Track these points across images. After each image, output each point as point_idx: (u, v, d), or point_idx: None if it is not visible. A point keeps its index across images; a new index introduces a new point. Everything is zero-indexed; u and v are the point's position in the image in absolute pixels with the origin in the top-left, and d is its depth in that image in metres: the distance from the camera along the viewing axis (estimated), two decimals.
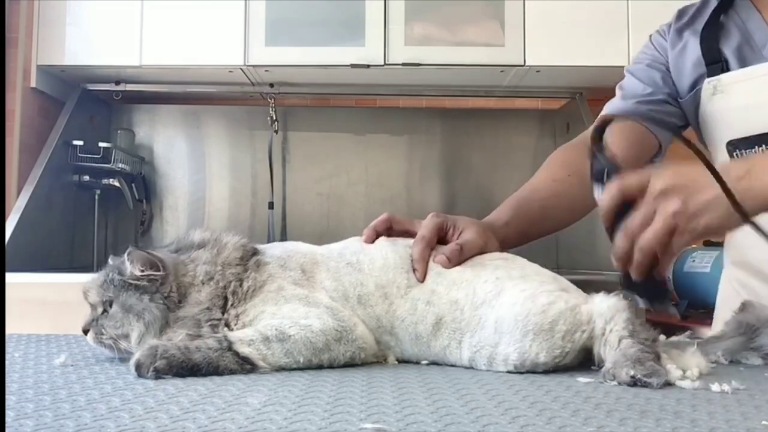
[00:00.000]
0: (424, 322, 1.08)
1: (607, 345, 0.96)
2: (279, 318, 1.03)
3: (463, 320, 1.06)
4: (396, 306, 1.09)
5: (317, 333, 1.01)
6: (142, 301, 1.04)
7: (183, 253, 1.11)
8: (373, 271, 1.12)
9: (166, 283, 1.05)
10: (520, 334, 0.98)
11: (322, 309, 1.05)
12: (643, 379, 0.86)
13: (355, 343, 1.05)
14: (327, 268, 1.15)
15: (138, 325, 1.03)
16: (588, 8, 2.20)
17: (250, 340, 0.99)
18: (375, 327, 1.10)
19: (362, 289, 1.10)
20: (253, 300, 1.06)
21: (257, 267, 1.11)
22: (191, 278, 1.07)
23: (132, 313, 1.03)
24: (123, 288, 1.06)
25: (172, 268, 1.07)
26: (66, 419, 0.65)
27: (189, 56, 2.22)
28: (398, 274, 1.11)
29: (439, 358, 1.10)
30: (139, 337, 1.02)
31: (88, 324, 1.06)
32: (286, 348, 0.99)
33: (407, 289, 1.10)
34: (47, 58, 2.24)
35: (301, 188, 2.62)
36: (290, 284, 1.10)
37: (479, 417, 0.67)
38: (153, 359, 0.92)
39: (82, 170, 2.33)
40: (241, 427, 0.62)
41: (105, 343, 1.04)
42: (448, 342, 1.06)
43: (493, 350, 1.00)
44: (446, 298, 1.08)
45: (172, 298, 1.05)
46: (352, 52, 2.20)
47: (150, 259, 1.06)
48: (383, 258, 1.14)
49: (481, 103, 2.67)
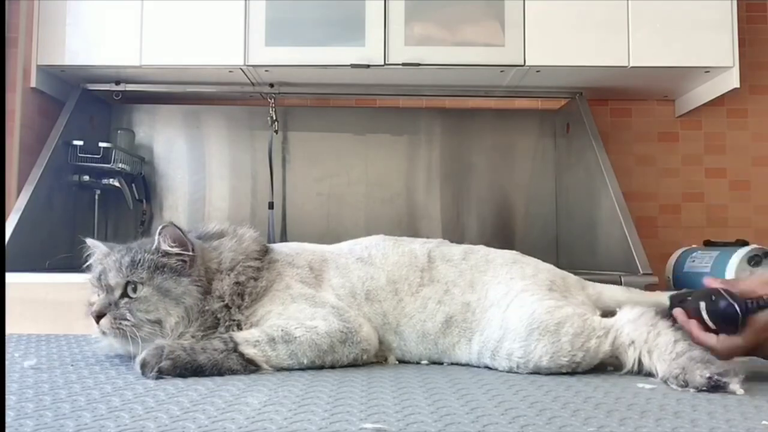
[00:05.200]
0: (433, 320, 1.09)
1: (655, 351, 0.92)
2: (285, 318, 1.02)
3: (474, 320, 1.08)
4: (405, 303, 1.11)
5: (322, 335, 1.01)
6: (181, 284, 0.98)
7: (205, 241, 1.10)
8: (386, 266, 1.14)
9: (194, 266, 1.01)
10: (526, 332, 0.98)
11: (328, 309, 1.05)
12: (720, 379, 0.81)
13: (359, 345, 1.05)
14: (336, 265, 1.16)
15: (177, 311, 0.97)
16: (588, 8, 2.19)
17: (256, 341, 0.98)
18: (380, 324, 1.10)
19: (372, 283, 1.12)
20: (262, 300, 1.06)
21: (269, 264, 1.11)
22: (217, 264, 1.05)
23: (170, 297, 0.98)
24: (157, 270, 0.98)
25: (201, 250, 1.05)
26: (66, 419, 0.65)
27: (189, 56, 2.22)
28: (411, 272, 1.14)
29: (444, 355, 1.10)
30: (176, 323, 0.97)
31: (105, 307, 0.97)
32: (291, 349, 0.99)
33: (419, 288, 1.12)
34: (47, 58, 2.24)
35: (301, 188, 2.62)
36: (297, 282, 1.09)
37: (479, 417, 0.67)
38: (158, 359, 0.92)
39: (82, 170, 2.33)
40: (241, 427, 0.62)
41: (123, 330, 0.95)
42: (458, 339, 1.08)
43: (498, 345, 1.02)
44: (460, 299, 1.10)
45: (202, 283, 1.01)
46: (352, 52, 2.20)
47: (181, 236, 1.02)
48: (398, 255, 1.16)
49: (481, 103, 2.67)
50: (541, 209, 2.62)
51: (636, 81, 2.39)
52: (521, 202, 2.63)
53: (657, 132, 2.66)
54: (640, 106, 2.67)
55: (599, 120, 2.57)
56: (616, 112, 2.68)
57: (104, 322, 0.99)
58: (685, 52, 2.18)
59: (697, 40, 2.17)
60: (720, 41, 2.18)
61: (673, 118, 2.67)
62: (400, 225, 2.54)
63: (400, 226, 2.53)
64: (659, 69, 2.22)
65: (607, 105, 2.68)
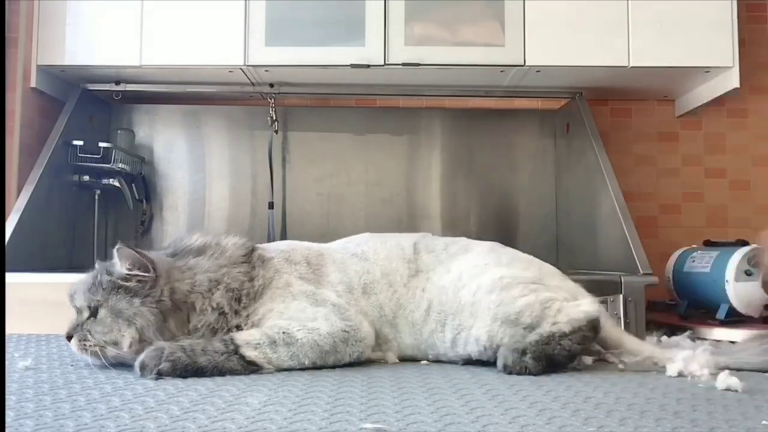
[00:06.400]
0: (419, 309, 1.15)
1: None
2: (287, 318, 1.02)
3: (447, 302, 1.13)
4: (399, 294, 1.16)
5: (324, 336, 1.01)
6: (133, 305, 0.98)
7: (181, 257, 1.08)
8: (378, 260, 1.20)
9: (156, 287, 1.00)
10: (491, 320, 1.06)
11: (329, 308, 1.05)
12: None
13: (361, 343, 1.06)
14: (333, 260, 1.19)
15: (129, 331, 0.96)
16: (588, 8, 2.19)
17: (257, 344, 0.98)
18: (377, 317, 1.13)
19: (368, 277, 1.16)
20: (262, 298, 1.06)
21: (262, 263, 1.11)
22: (189, 286, 1.03)
23: (122, 318, 0.97)
24: (112, 291, 0.99)
25: (165, 271, 1.03)
26: (66, 419, 0.65)
27: (189, 56, 2.22)
28: (401, 264, 1.19)
29: (429, 345, 1.14)
30: (130, 344, 0.97)
31: (72, 329, 1.00)
32: (292, 351, 0.99)
33: (409, 278, 1.17)
34: (47, 58, 2.24)
35: (301, 188, 2.62)
36: (297, 279, 1.10)
37: (479, 417, 0.67)
38: (158, 361, 0.91)
39: (82, 170, 2.33)
40: (241, 427, 0.62)
41: (89, 350, 0.97)
42: (434, 326, 1.14)
43: (468, 332, 1.08)
44: (438, 283, 1.16)
45: (164, 303, 0.99)
46: (352, 52, 2.20)
47: (139, 259, 1.00)
48: (387, 249, 1.22)
49: (481, 103, 2.67)
50: (541, 209, 2.62)
51: (636, 81, 2.39)
52: (521, 202, 2.63)
53: (657, 132, 2.66)
54: (640, 106, 2.67)
55: (599, 120, 2.57)
56: (616, 112, 2.68)
57: (72, 342, 1.01)
58: (685, 52, 2.18)
59: (697, 40, 2.17)
60: (720, 41, 2.18)
61: (673, 118, 2.66)
62: (400, 225, 2.53)
63: (400, 226, 2.52)
64: (659, 69, 2.22)
65: (607, 105, 2.68)
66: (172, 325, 1.00)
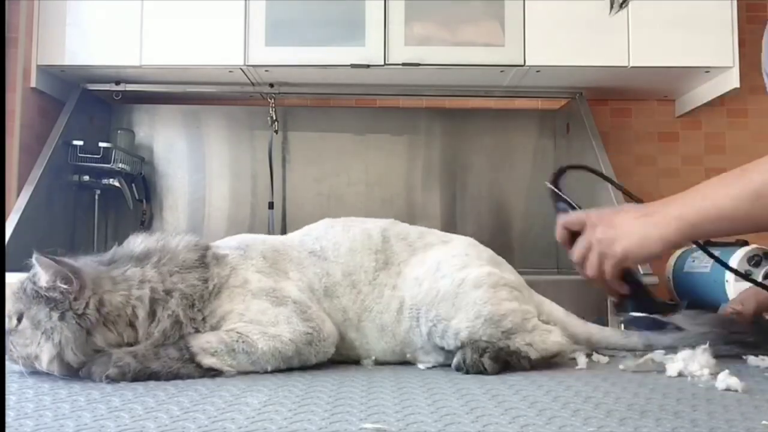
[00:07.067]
0: (389, 310, 1.06)
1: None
2: (246, 321, 0.96)
3: (420, 293, 1.05)
4: (364, 295, 1.07)
5: (287, 343, 0.96)
6: (51, 318, 0.88)
7: (118, 265, 0.99)
8: (339, 258, 1.09)
9: (80, 299, 0.90)
10: (474, 316, 1.02)
11: (290, 308, 0.99)
12: None
13: (325, 342, 1.00)
14: (290, 258, 1.08)
15: (47, 347, 0.87)
16: (588, 8, 2.19)
17: (214, 351, 0.92)
18: (341, 321, 1.05)
19: (328, 280, 1.07)
20: (219, 298, 0.99)
21: (217, 261, 1.03)
22: (124, 298, 0.93)
23: (40, 330, 0.88)
24: (34, 300, 0.90)
25: (91, 281, 0.93)
26: (66, 419, 0.65)
27: (189, 56, 2.23)
28: (366, 257, 1.09)
29: (405, 346, 1.07)
30: (50, 360, 0.88)
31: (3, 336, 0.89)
32: (252, 359, 0.94)
33: (375, 274, 1.08)
34: (47, 58, 2.24)
35: (301, 188, 2.62)
36: (254, 274, 1.03)
37: (479, 417, 0.67)
38: (105, 368, 0.87)
39: (82, 170, 2.33)
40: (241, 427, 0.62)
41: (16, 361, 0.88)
42: (409, 324, 1.05)
43: (447, 324, 1.02)
44: (410, 276, 1.08)
45: (88, 316, 0.89)
46: (352, 52, 2.20)
47: (60, 270, 0.92)
48: (350, 240, 1.12)
49: (481, 103, 2.67)
50: (541, 209, 2.62)
51: (636, 81, 2.39)
52: (521, 202, 2.63)
53: (657, 132, 2.66)
54: (640, 106, 2.67)
55: (599, 120, 2.57)
56: (616, 112, 2.68)
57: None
58: (685, 52, 2.18)
59: (697, 40, 2.17)
60: (720, 41, 2.18)
61: (673, 118, 2.66)
62: None
63: None
64: (659, 69, 2.22)
65: (607, 105, 2.68)
66: (100, 340, 0.90)
